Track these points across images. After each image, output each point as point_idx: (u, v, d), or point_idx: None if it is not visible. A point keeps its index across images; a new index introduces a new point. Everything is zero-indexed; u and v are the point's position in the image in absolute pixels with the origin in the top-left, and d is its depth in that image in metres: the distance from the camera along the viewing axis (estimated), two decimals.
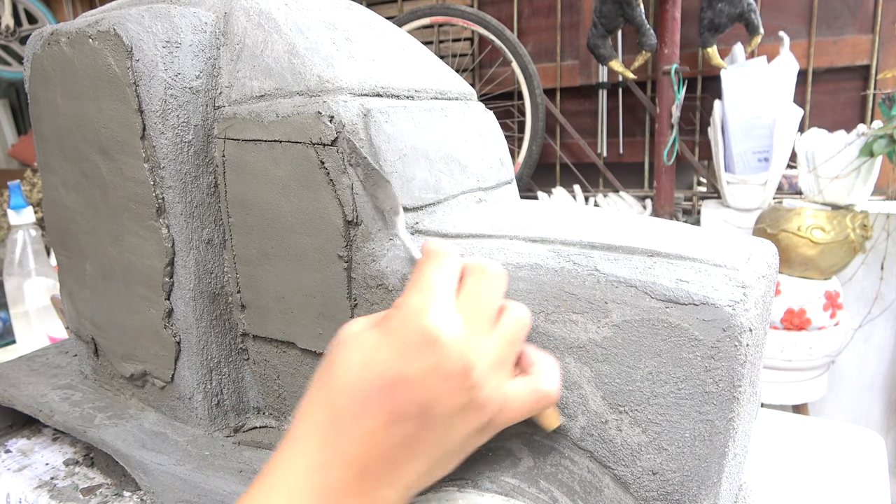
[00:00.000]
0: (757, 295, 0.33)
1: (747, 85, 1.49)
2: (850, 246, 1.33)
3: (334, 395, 0.30)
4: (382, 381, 0.30)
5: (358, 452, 0.29)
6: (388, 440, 0.29)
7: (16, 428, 0.62)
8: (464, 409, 0.30)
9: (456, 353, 0.30)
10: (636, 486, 0.35)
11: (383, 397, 0.29)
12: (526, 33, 1.97)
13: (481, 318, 0.32)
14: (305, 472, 0.29)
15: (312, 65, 0.42)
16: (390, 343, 0.30)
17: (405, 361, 0.30)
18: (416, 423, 0.29)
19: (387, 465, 0.30)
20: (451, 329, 0.30)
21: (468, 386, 0.30)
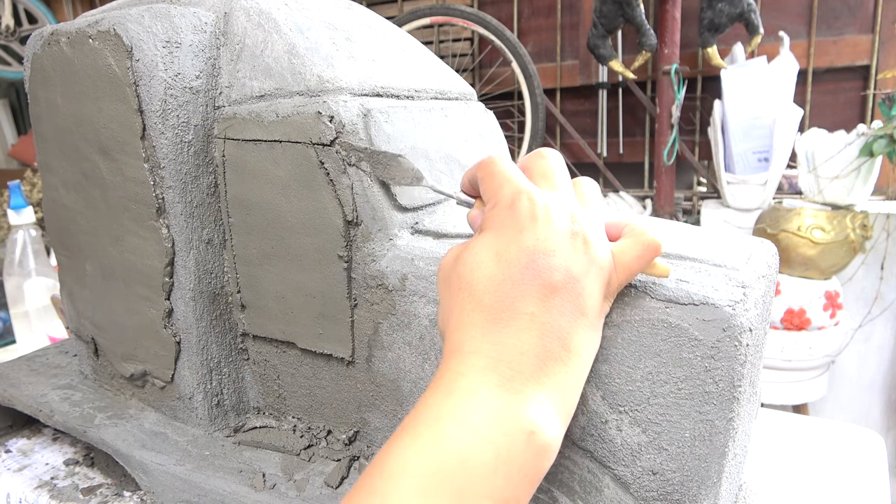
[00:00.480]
0: (757, 295, 0.33)
1: (747, 85, 1.49)
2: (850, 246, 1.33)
3: (481, 295, 0.30)
4: (521, 260, 0.30)
5: (530, 338, 0.29)
6: (551, 316, 0.29)
7: (16, 428, 0.62)
8: (590, 266, 0.31)
9: (565, 214, 0.31)
10: (636, 486, 0.35)
11: (531, 273, 0.29)
12: (526, 33, 1.97)
13: (563, 188, 0.33)
14: (483, 371, 0.29)
15: (312, 65, 0.42)
16: (508, 230, 0.31)
17: (531, 235, 0.30)
18: (565, 289, 0.30)
19: (558, 343, 0.29)
20: (552, 198, 0.31)
21: (585, 241, 0.31)
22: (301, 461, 0.45)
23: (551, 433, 0.28)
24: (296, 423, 0.49)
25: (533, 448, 0.27)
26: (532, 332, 0.29)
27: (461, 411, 0.28)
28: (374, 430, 0.45)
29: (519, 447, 0.27)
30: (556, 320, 0.29)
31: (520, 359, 0.29)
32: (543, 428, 0.28)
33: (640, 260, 0.32)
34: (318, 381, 0.46)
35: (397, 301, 0.41)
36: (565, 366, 0.29)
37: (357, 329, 0.43)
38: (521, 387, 0.28)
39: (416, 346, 0.41)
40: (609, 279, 0.32)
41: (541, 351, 0.29)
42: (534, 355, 0.29)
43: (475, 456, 0.26)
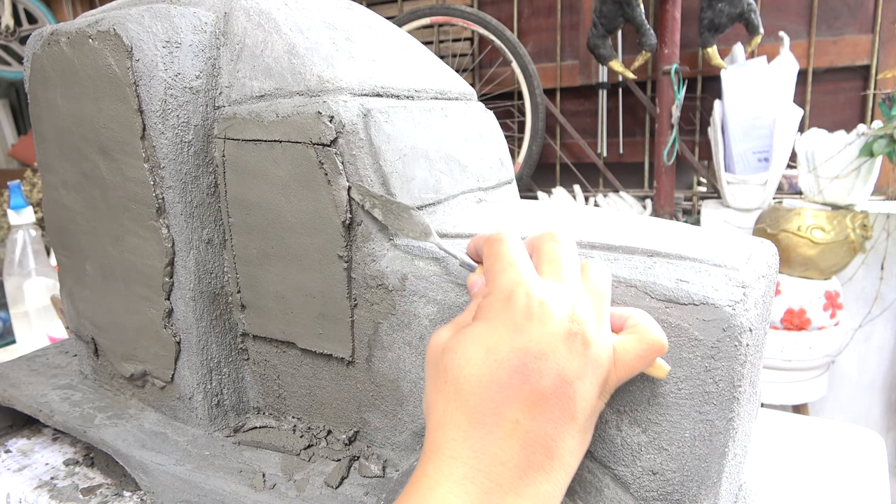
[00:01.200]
0: (757, 295, 0.33)
1: (747, 85, 1.49)
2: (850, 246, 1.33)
3: (467, 395, 0.29)
4: (511, 363, 0.29)
5: (512, 447, 0.28)
6: (537, 423, 0.28)
7: (16, 428, 0.62)
8: (586, 367, 0.29)
9: (565, 313, 0.29)
10: (636, 486, 0.35)
11: (520, 377, 0.28)
12: (526, 33, 1.97)
13: (569, 278, 0.31)
14: (460, 481, 0.28)
15: (312, 65, 0.42)
16: (500, 325, 0.29)
17: (523, 335, 0.29)
18: (554, 395, 0.28)
19: (542, 453, 0.28)
20: (552, 293, 0.30)
21: (584, 341, 0.29)
22: (301, 461, 0.45)
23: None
24: (296, 423, 0.49)
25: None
26: (515, 441, 0.28)
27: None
28: (374, 430, 0.45)
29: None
30: (541, 428, 0.28)
31: (500, 469, 0.28)
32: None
33: (642, 360, 0.31)
34: (318, 381, 0.46)
35: (397, 301, 0.41)
36: (547, 475, 0.29)
37: (357, 329, 0.43)
38: (498, 500, 0.27)
39: (415, 346, 0.41)
40: (607, 377, 0.31)
41: (522, 461, 0.28)
42: (514, 466, 0.28)
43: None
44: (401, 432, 0.44)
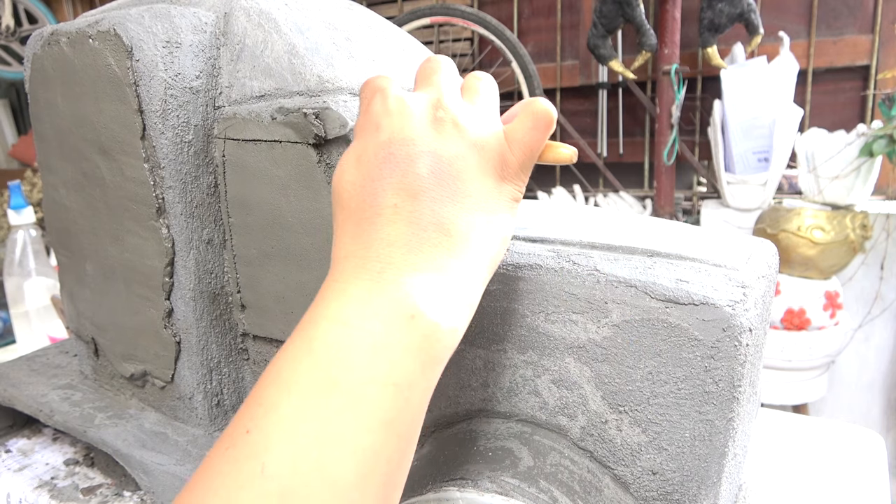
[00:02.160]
0: (757, 295, 0.33)
1: (747, 85, 1.49)
2: (850, 246, 1.33)
3: (347, 201, 0.30)
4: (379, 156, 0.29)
5: (397, 229, 0.28)
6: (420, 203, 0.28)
7: (16, 428, 0.62)
8: (466, 148, 0.30)
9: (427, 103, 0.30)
10: (636, 486, 0.35)
11: (390, 166, 0.29)
12: (526, 33, 1.97)
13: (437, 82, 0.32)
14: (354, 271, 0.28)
15: (312, 65, 0.42)
16: (366, 132, 0.30)
17: (385, 130, 0.30)
18: (432, 176, 0.28)
19: (435, 230, 0.28)
20: (410, 93, 0.31)
21: (456, 125, 0.30)
22: None
23: (438, 314, 0.27)
24: None
25: (417, 330, 0.26)
26: (399, 223, 0.28)
27: (332, 310, 0.27)
28: None
29: (399, 331, 0.26)
30: (425, 206, 0.28)
31: (389, 250, 0.27)
32: (426, 310, 0.26)
33: (534, 131, 0.31)
34: None
35: None
36: (448, 250, 0.28)
37: None
38: (394, 277, 0.27)
39: None
40: (503, 159, 0.31)
41: (412, 239, 0.28)
42: (403, 244, 0.27)
43: (348, 346, 0.25)
44: None
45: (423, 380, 0.26)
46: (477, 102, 0.32)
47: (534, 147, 0.32)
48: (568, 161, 0.34)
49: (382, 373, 0.25)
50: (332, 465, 0.23)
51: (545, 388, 0.37)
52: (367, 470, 0.24)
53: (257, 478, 0.22)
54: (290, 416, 0.24)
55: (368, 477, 0.24)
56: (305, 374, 0.25)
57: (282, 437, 0.23)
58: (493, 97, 0.33)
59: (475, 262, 0.29)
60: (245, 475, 0.22)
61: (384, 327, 0.26)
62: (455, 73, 0.33)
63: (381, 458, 0.24)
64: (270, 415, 0.24)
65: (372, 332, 0.26)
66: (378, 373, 0.25)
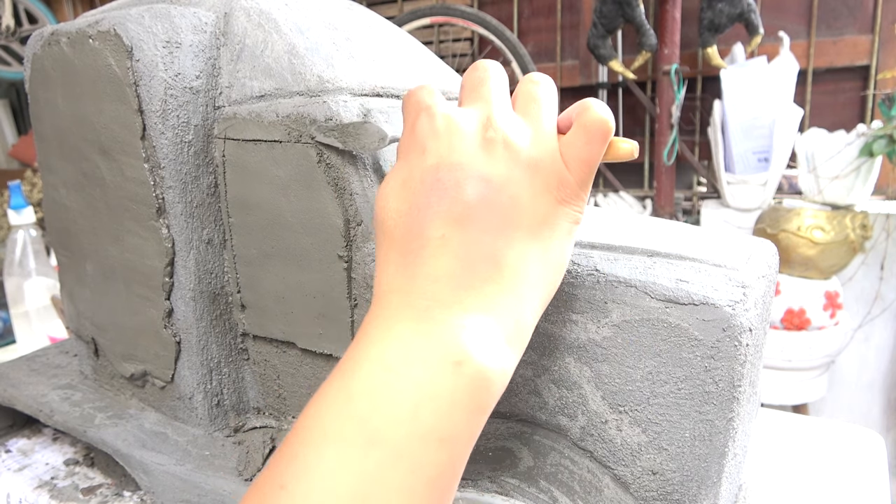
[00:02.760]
0: (757, 295, 0.33)
1: (747, 85, 1.49)
2: (850, 246, 1.33)
3: (392, 230, 0.28)
4: (427, 182, 0.27)
5: (443, 262, 0.26)
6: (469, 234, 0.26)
7: (16, 428, 0.62)
8: (518, 172, 0.27)
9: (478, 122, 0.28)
10: (636, 486, 0.35)
11: (438, 194, 0.27)
12: (526, 33, 1.97)
13: (486, 96, 0.30)
14: (398, 308, 0.26)
15: (312, 65, 0.42)
16: (412, 154, 0.29)
17: (432, 153, 0.28)
18: (483, 203, 0.27)
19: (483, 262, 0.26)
20: (458, 110, 0.29)
21: (508, 146, 0.28)
22: None
23: (487, 358, 0.25)
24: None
25: (464, 378, 0.24)
26: (445, 256, 0.26)
27: (374, 352, 0.25)
28: None
29: (446, 379, 0.24)
30: (475, 238, 0.26)
31: (435, 287, 0.26)
32: (475, 354, 0.25)
33: (591, 144, 0.29)
34: (319, 381, 0.46)
35: None
36: (497, 284, 0.26)
37: (357, 329, 0.43)
38: (440, 315, 0.25)
39: None
40: (559, 179, 0.29)
41: (460, 274, 0.26)
42: (451, 279, 0.26)
43: (391, 395, 0.24)
44: None
45: (468, 431, 0.25)
46: (531, 114, 0.30)
47: (592, 162, 0.29)
48: (628, 157, 0.31)
49: (427, 427, 0.23)
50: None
51: (545, 388, 0.37)
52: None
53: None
54: (328, 473, 0.22)
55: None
56: (345, 424, 0.23)
57: (319, 495, 0.22)
58: (551, 104, 0.31)
59: (528, 297, 0.27)
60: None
61: (430, 375, 0.24)
62: (505, 81, 0.31)
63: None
64: (308, 470, 0.23)
65: (417, 380, 0.24)
66: (422, 427, 0.23)
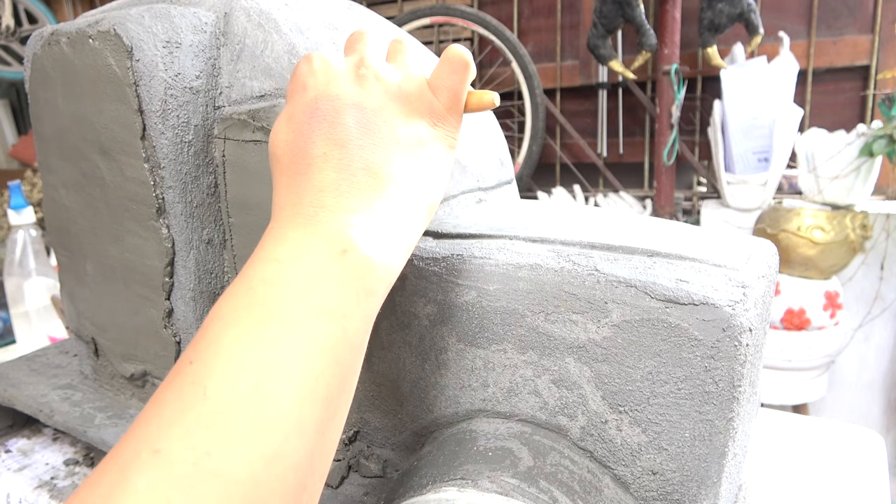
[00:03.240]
0: (757, 295, 0.33)
1: (747, 85, 1.49)
2: (850, 246, 1.33)
3: (282, 158, 0.31)
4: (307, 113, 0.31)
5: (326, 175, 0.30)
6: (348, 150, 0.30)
7: (16, 428, 0.62)
8: (391, 97, 0.32)
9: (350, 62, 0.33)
10: (636, 486, 0.35)
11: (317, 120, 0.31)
12: (526, 33, 1.97)
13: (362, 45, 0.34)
14: (290, 217, 0.29)
15: None
16: (295, 95, 0.33)
17: (310, 89, 0.32)
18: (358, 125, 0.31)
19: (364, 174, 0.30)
20: (333, 55, 0.34)
21: (378, 78, 0.32)
22: None
23: (370, 249, 0.29)
24: None
25: (349, 263, 0.28)
26: (328, 170, 0.30)
27: (269, 252, 0.28)
28: (373, 430, 0.45)
29: (332, 265, 0.27)
30: (353, 154, 0.30)
31: (321, 196, 0.29)
32: (358, 244, 0.28)
33: (454, 75, 0.34)
34: None
35: (397, 301, 0.41)
36: (377, 192, 0.30)
37: None
38: (327, 218, 0.29)
39: (415, 346, 0.41)
40: (429, 105, 0.33)
41: (342, 184, 0.30)
42: (334, 189, 0.29)
43: (284, 280, 0.27)
44: (401, 432, 0.44)
45: (358, 310, 0.28)
46: (398, 59, 0.35)
47: (457, 90, 0.34)
48: (491, 105, 0.36)
49: (317, 303, 0.26)
50: (270, 386, 0.24)
51: (545, 388, 0.37)
52: (305, 392, 0.25)
53: (200, 400, 0.23)
54: (229, 346, 0.25)
55: (307, 398, 0.25)
56: (244, 308, 0.26)
57: (222, 364, 0.24)
58: (416, 55, 0.36)
59: (407, 202, 0.31)
60: (188, 399, 0.24)
61: (318, 262, 0.27)
62: (381, 41, 0.36)
63: (320, 382, 0.25)
64: (212, 346, 0.25)
65: (306, 267, 0.27)
66: (312, 303, 0.26)
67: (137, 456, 0.22)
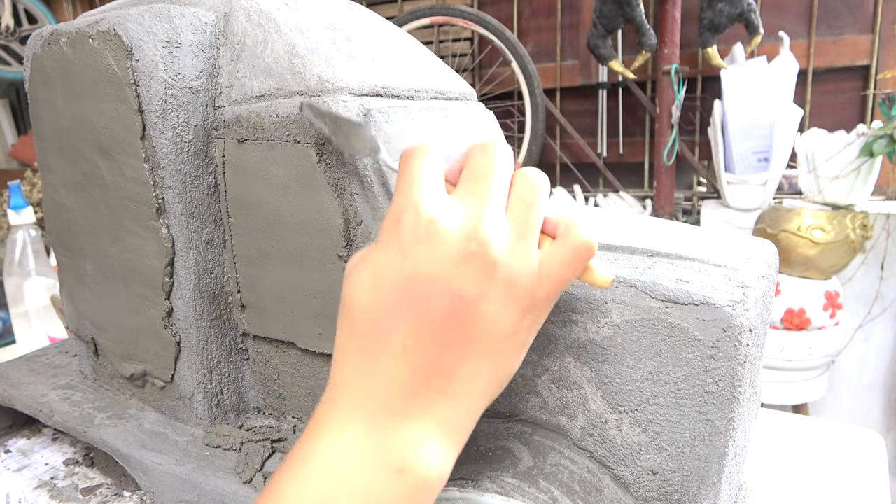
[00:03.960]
0: (757, 295, 0.33)
1: (747, 85, 1.49)
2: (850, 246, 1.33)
3: (357, 322, 0.28)
4: (398, 288, 0.27)
5: (399, 372, 0.27)
6: (427, 349, 0.27)
7: (16, 428, 0.62)
8: (491, 288, 0.27)
9: (461, 233, 0.27)
10: (636, 486, 0.35)
11: (407, 303, 0.27)
12: (526, 33, 1.97)
13: (483, 192, 0.28)
14: (352, 408, 0.28)
15: (312, 65, 0.42)
16: (390, 250, 0.28)
17: (410, 259, 0.27)
18: (447, 320, 0.27)
19: (436, 376, 0.28)
20: (447, 211, 0.28)
21: (485, 262, 0.27)
22: None
23: (427, 465, 0.27)
24: (296, 423, 0.49)
25: (404, 486, 0.27)
26: (403, 366, 0.27)
27: (327, 452, 0.27)
28: None
29: (388, 486, 0.27)
30: (432, 352, 0.27)
31: (388, 394, 0.27)
32: (416, 464, 0.27)
33: (571, 266, 0.29)
34: (319, 381, 0.46)
35: None
36: (445, 395, 0.28)
37: None
38: (389, 423, 0.27)
39: None
40: (531, 295, 0.29)
41: (414, 385, 0.27)
42: (404, 390, 0.27)
43: (339, 499, 0.26)
44: None
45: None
46: (520, 221, 0.29)
47: (567, 281, 0.30)
48: (603, 286, 0.31)
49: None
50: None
51: (545, 388, 0.37)
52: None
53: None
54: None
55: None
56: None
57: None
58: (541, 211, 0.30)
59: (474, 406, 0.29)
60: None
61: (375, 481, 0.27)
62: (509, 172, 0.30)
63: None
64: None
65: (362, 484, 0.27)
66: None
67: None
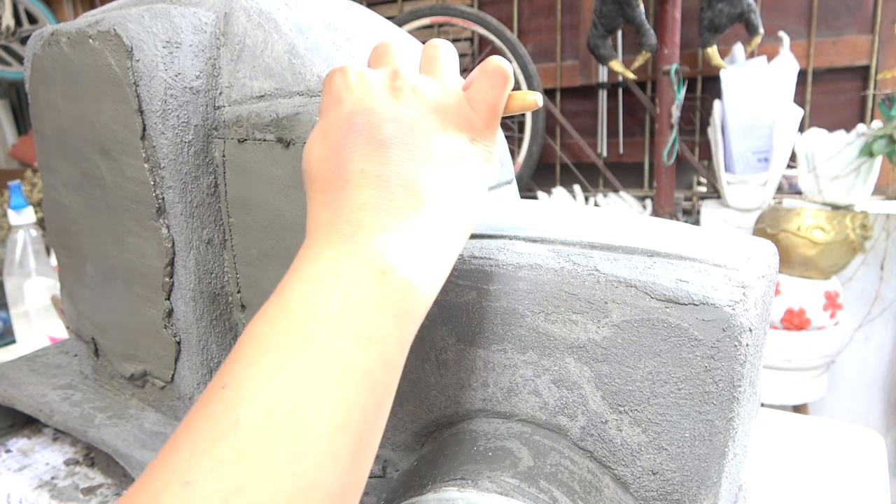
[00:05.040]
0: (757, 295, 0.33)
1: (747, 85, 1.49)
2: (850, 246, 1.33)
3: (316, 175, 0.31)
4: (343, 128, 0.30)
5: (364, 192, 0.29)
6: (386, 167, 0.29)
7: (16, 428, 0.62)
8: (427, 112, 0.31)
9: (385, 74, 0.32)
10: (636, 486, 0.35)
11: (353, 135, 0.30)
12: (526, 33, 1.97)
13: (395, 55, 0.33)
14: (326, 236, 0.28)
15: (313, 65, 0.42)
16: (329, 109, 0.32)
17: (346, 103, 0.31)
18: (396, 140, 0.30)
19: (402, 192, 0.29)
20: (367, 69, 0.32)
21: (415, 91, 0.31)
22: None
23: (408, 270, 0.28)
24: None
25: (388, 285, 0.27)
26: (366, 188, 0.29)
27: (306, 272, 0.27)
28: None
29: (370, 287, 0.27)
30: (392, 169, 0.29)
31: (358, 214, 0.28)
32: (396, 266, 0.27)
33: (493, 89, 0.33)
34: None
35: None
36: (415, 209, 0.29)
37: None
38: (365, 237, 0.28)
39: (415, 346, 0.41)
40: (467, 120, 0.32)
41: (380, 201, 0.29)
42: (372, 207, 0.28)
43: (321, 303, 0.26)
44: (401, 432, 0.44)
45: (396, 334, 0.27)
46: (434, 70, 0.33)
47: (495, 104, 0.33)
48: (533, 106, 0.35)
49: (355, 327, 0.26)
50: (305, 415, 0.23)
51: (545, 388, 0.37)
52: (341, 420, 0.24)
53: (232, 428, 0.23)
54: (264, 371, 0.24)
55: (342, 427, 0.24)
56: (280, 332, 0.25)
57: (256, 390, 0.24)
58: (452, 63, 0.34)
59: (445, 221, 0.30)
60: (221, 427, 0.23)
61: (356, 285, 0.26)
62: (410, 51, 0.35)
63: (355, 410, 0.25)
64: (246, 370, 0.25)
65: (344, 289, 0.26)
66: (350, 328, 0.26)
67: (168, 487, 0.22)
